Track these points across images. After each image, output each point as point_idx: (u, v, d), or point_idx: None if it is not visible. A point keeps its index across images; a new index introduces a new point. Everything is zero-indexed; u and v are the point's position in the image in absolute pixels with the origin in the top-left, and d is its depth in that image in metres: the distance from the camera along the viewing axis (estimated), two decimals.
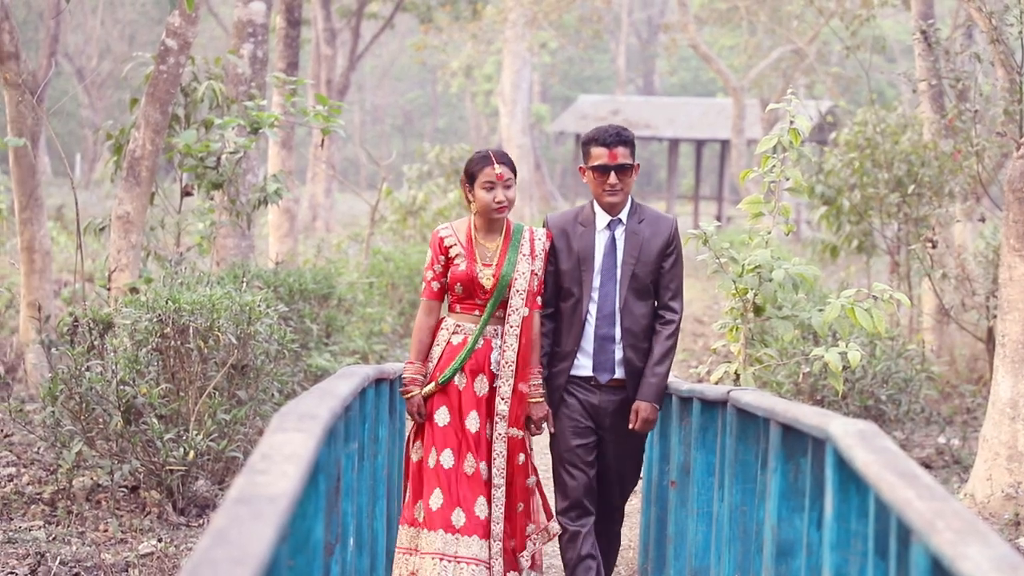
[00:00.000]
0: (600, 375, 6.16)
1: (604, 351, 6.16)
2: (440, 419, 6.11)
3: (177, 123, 10.20)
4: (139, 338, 7.82)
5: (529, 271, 6.15)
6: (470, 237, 6.20)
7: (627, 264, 6.15)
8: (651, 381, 6.11)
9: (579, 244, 6.19)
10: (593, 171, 6.13)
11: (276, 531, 2.40)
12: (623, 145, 6.12)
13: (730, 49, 38.95)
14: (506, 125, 34.23)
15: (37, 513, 7.65)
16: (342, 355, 11.60)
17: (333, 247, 19.94)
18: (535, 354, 6.19)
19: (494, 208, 6.08)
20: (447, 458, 6.05)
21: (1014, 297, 8.31)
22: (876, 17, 14.08)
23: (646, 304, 6.16)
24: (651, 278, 6.15)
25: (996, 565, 2.33)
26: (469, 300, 6.17)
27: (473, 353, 6.13)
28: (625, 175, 6.12)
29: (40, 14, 34.26)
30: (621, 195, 6.14)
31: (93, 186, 32.57)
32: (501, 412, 6.12)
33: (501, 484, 6.08)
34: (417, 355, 6.19)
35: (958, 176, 12.10)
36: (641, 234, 6.16)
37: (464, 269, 6.11)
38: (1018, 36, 9.21)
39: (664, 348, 6.15)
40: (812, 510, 4.12)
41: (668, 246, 6.16)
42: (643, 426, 6.11)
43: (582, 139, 6.24)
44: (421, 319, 6.24)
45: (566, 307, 6.22)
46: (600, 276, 6.16)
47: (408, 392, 6.14)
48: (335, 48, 25.37)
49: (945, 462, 10.19)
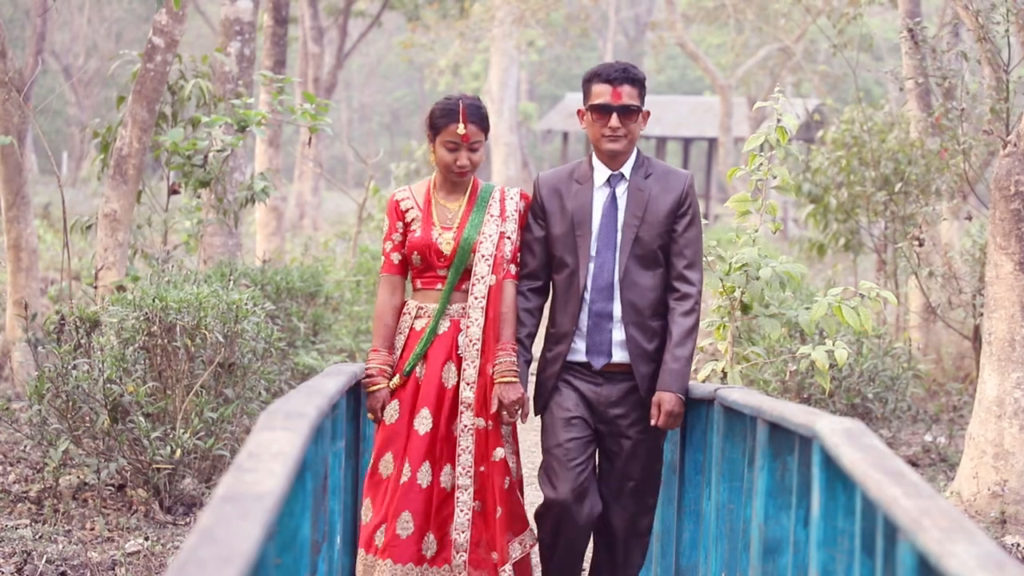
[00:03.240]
0: (594, 359, 5.35)
1: (599, 330, 5.32)
2: (388, 416, 5.38)
3: (164, 121, 10.18)
4: (126, 336, 7.80)
5: (498, 233, 5.36)
6: (429, 198, 5.44)
7: (629, 226, 5.30)
8: (672, 367, 5.24)
9: (574, 204, 5.35)
10: (592, 112, 5.32)
11: (263, 529, 2.39)
12: (630, 83, 5.29)
13: (717, 47, 38.97)
14: (493, 123, 34.05)
15: (23, 511, 7.64)
16: (329, 353, 11.58)
17: (320, 245, 19.92)
18: (508, 328, 5.33)
19: (455, 171, 5.35)
20: (386, 463, 5.36)
21: (1000, 295, 8.33)
22: (863, 15, 14.08)
23: (654, 275, 5.32)
24: (659, 242, 5.29)
25: (982, 563, 2.33)
26: (429, 272, 5.39)
27: (436, 337, 5.36)
28: (630, 119, 5.29)
29: (27, 12, 34.16)
30: (624, 142, 5.31)
31: (80, 184, 32.47)
32: (466, 400, 5.32)
33: (467, 485, 5.31)
34: (383, 341, 5.40)
35: (945, 174, 12.12)
36: (647, 190, 5.31)
37: (420, 235, 5.36)
38: (1004, 34, 9.23)
39: (683, 328, 5.27)
40: (799, 508, 4.12)
41: (681, 204, 5.32)
42: (668, 421, 5.29)
43: (584, 76, 5.43)
44: (383, 299, 5.42)
45: (560, 280, 5.38)
46: (598, 241, 5.32)
47: (375, 384, 5.35)
48: (322, 46, 25.34)
49: (931, 460, 10.20)
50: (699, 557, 5.70)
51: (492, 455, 5.34)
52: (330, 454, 4.71)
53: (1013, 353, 8.29)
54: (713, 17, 31.45)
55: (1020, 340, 8.28)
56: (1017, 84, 9.57)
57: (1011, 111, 9.42)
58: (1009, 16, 9.03)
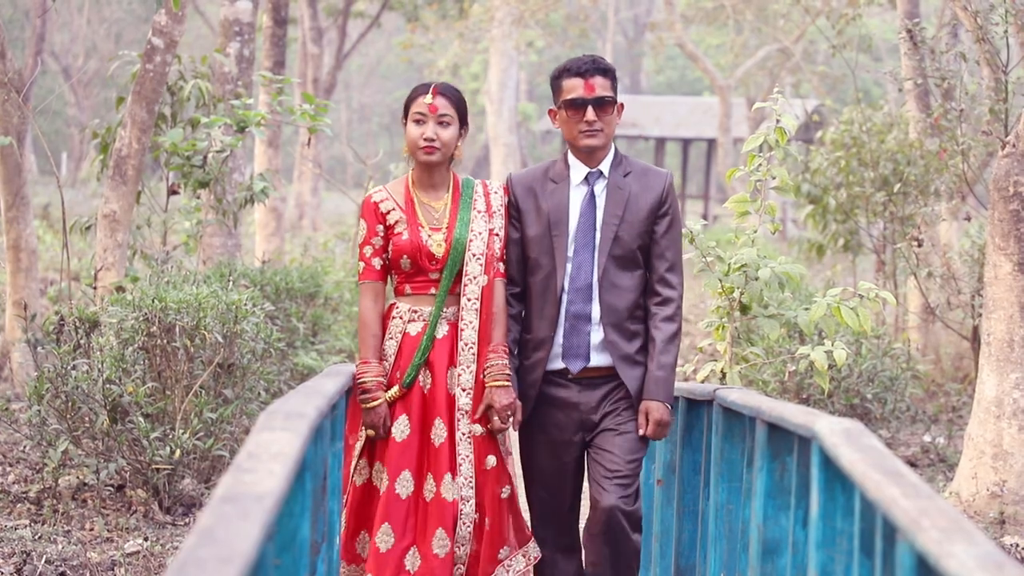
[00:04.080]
0: (571, 363, 5.10)
1: (576, 333, 5.08)
2: (397, 432, 5.03)
3: (163, 122, 10.18)
4: (125, 337, 7.81)
5: (487, 230, 5.09)
6: (409, 197, 5.13)
7: (608, 225, 5.08)
8: (657, 375, 5.04)
9: (549, 203, 5.12)
10: (566, 108, 5.09)
11: (262, 530, 2.40)
12: (601, 74, 5.08)
13: (716, 48, 38.97)
14: (493, 124, 34.22)
15: (23, 512, 7.64)
16: (328, 354, 11.59)
17: (320, 246, 19.92)
18: (499, 330, 5.08)
19: (421, 147, 5.01)
20: (404, 484, 4.99)
21: (999, 296, 8.33)
22: (862, 16, 14.08)
23: (632, 276, 5.11)
24: (638, 243, 5.10)
25: (981, 563, 2.34)
26: (420, 277, 5.07)
27: (436, 342, 5.05)
28: (605, 111, 5.07)
29: (26, 12, 34.17)
30: (601, 136, 5.09)
31: (79, 185, 32.47)
32: (463, 407, 5.04)
33: (470, 496, 5.01)
34: (373, 352, 5.04)
35: (944, 175, 12.12)
36: (627, 189, 5.11)
37: (408, 238, 5.03)
38: (1003, 35, 9.23)
39: (665, 334, 5.07)
40: (798, 508, 4.13)
41: (661, 204, 5.12)
42: (657, 431, 5.08)
43: (552, 74, 5.18)
44: (366, 307, 5.06)
45: (536, 282, 5.14)
46: (575, 242, 5.09)
47: (374, 399, 5.00)
48: (322, 47, 25.34)
49: (930, 460, 10.21)
50: (698, 557, 5.71)
51: (484, 463, 5.06)
52: (329, 455, 4.71)
53: (1012, 353, 8.29)
54: (712, 18, 31.44)
55: (1019, 340, 8.28)
56: (1016, 85, 9.57)
57: (1010, 112, 9.43)
58: (1008, 17, 9.04)
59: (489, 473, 5.05)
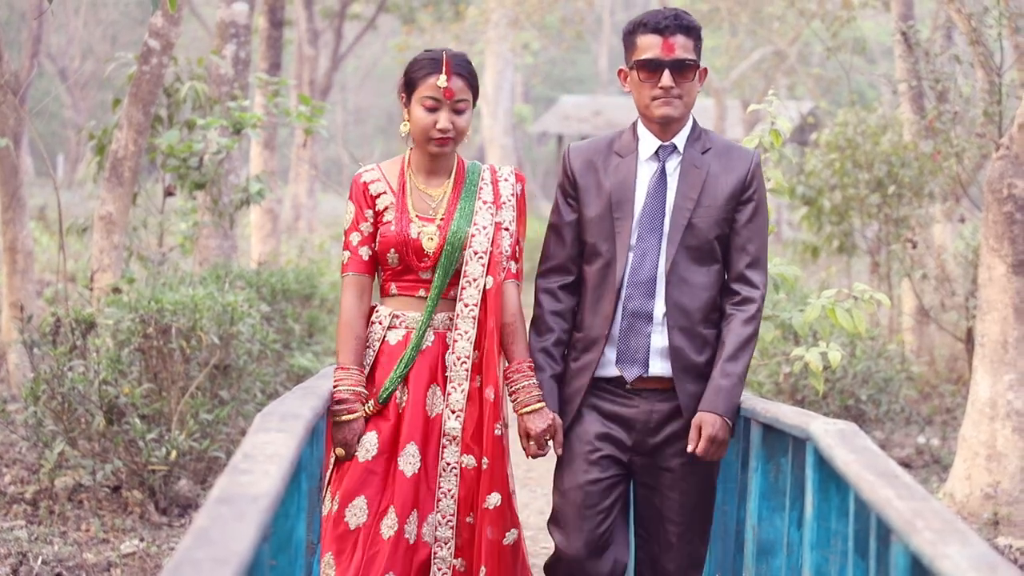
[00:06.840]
0: (626, 369, 4.32)
1: (635, 334, 4.29)
2: (362, 451, 4.26)
3: (160, 123, 10.18)
4: (121, 338, 7.81)
5: (492, 224, 4.32)
6: (403, 181, 4.36)
7: (681, 210, 4.29)
8: (721, 384, 4.25)
9: (612, 180, 4.33)
10: (639, 69, 4.30)
11: (258, 531, 2.40)
12: (684, 33, 4.32)
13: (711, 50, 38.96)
14: (488, 126, 34.22)
15: (19, 513, 7.64)
16: (324, 355, 11.59)
17: (316, 247, 19.92)
18: (520, 343, 4.33)
19: (434, 138, 4.27)
20: (356, 512, 4.22)
21: (993, 297, 8.35)
22: (857, 19, 14.12)
23: (708, 271, 4.33)
24: (716, 232, 4.31)
25: (975, 564, 2.35)
26: (408, 275, 4.32)
27: (420, 354, 4.30)
28: (685, 77, 4.31)
29: (22, 14, 34.13)
30: (680, 106, 4.32)
31: (76, 186, 32.41)
32: (451, 431, 4.26)
33: (447, 538, 4.23)
34: (354, 357, 4.28)
35: (938, 177, 12.13)
36: (704, 168, 4.33)
37: (395, 229, 4.28)
38: (997, 38, 9.25)
39: (740, 339, 4.28)
40: (792, 509, 4.14)
41: (745, 189, 4.34)
42: (709, 449, 4.27)
43: (625, 28, 4.40)
44: (349, 304, 4.30)
45: (592, 272, 4.36)
46: (640, 226, 4.31)
47: (351, 412, 4.24)
48: (318, 49, 25.33)
49: (924, 462, 10.22)
50: None
51: (485, 502, 4.24)
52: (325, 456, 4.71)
53: (1006, 355, 8.30)
54: (707, 20, 31.41)
55: (1013, 342, 8.29)
56: (1009, 87, 9.59)
57: (1004, 114, 9.45)
58: (1002, 19, 9.06)
59: (489, 514, 4.25)
